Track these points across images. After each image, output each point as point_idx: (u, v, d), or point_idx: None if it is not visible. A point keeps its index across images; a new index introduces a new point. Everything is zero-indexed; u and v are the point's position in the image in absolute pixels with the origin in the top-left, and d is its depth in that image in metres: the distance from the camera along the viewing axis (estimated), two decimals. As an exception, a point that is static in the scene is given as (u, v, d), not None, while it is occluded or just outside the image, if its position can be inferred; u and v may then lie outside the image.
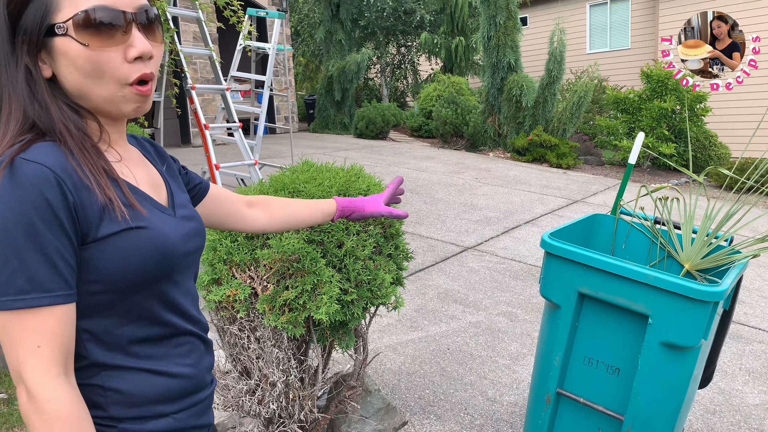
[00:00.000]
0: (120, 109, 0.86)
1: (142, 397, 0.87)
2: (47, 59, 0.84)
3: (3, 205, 0.74)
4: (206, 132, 4.76)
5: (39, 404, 0.75)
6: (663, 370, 1.95)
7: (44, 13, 0.80)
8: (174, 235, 0.90)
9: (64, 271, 0.77)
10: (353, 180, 2.10)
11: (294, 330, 1.83)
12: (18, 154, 0.76)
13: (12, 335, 0.76)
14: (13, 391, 2.77)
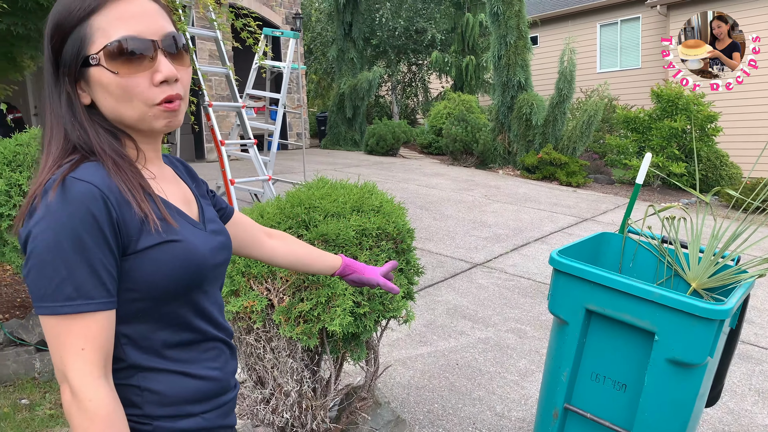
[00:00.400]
0: (152, 127, 0.93)
1: (175, 397, 0.94)
2: (85, 87, 0.91)
3: (55, 219, 0.81)
4: (222, 148, 4.86)
5: (81, 402, 0.82)
6: (669, 387, 1.99)
7: (80, 46, 0.88)
8: (204, 248, 0.97)
9: (107, 280, 0.84)
10: (366, 197, 2.17)
11: (308, 341, 1.89)
12: (69, 173, 0.84)
13: (59, 338, 0.82)
14: (34, 397, 2.84)
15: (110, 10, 0.88)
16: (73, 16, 0.88)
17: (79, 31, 0.88)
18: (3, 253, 2.97)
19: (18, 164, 2.88)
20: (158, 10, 0.92)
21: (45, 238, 0.81)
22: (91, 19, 0.88)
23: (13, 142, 3.01)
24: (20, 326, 3.18)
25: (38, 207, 0.83)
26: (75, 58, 0.89)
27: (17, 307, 3.55)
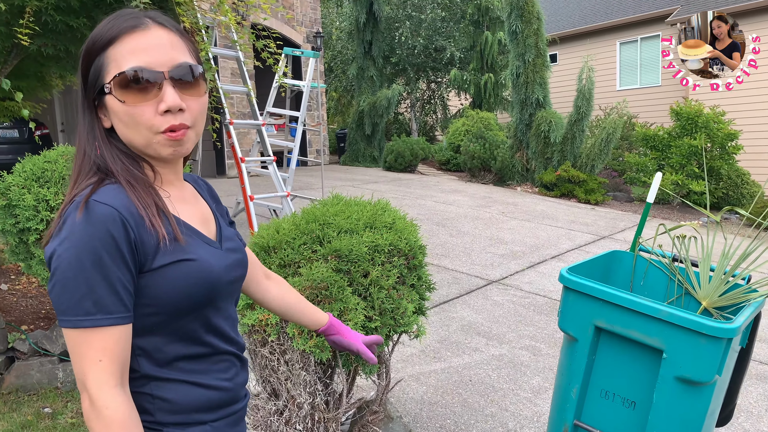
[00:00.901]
0: (158, 153, 0.99)
1: (185, 406, 1.00)
2: (105, 113, 0.99)
3: (77, 239, 0.88)
4: (242, 165, 4.97)
5: (99, 410, 0.88)
6: (678, 404, 2.00)
7: (98, 75, 0.96)
8: (218, 267, 1.02)
9: (124, 296, 0.90)
10: (379, 214, 2.23)
11: (321, 354, 1.95)
12: (91, 196, 0.91)
13: (79, 350, 0.89)
14: (57, 406, 2.93)
15: (125, 42, 0.94)
16: (96, 46, 0.96)
17: (99, 60, 0.96)
18: (30, 266, 3.08)
19: (46, 180, 3.00)
20: (173, 42, 0.98)
21: (68, 256, 0.87)
22: (108, 49, 0.95)
23: (41, 158, 3.13)
24: (44, 337, 3.28)
25: (63, 227, 0.90)
26: (94, 85, 0.97)
27: (42, 318, 3.66)
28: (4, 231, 2.94)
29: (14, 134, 9.86)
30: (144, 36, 0.95)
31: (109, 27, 0.96)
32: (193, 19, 4.25)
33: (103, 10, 4.28)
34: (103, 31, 0.96)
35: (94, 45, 0.96)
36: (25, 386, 3.15)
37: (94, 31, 0.98)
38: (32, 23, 3.92)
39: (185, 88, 0.97)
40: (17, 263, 4.11)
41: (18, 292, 3.99)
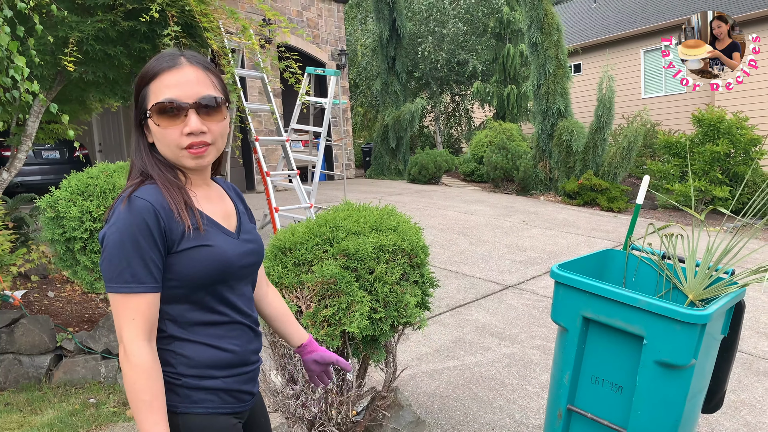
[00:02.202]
0: (183, 164, 1.27)
1: (201, 362, 1.25)
2: (148, 131, 1.28)
3: (121, 225, 1.16)
4: (268, 179, 5.28)
5: (129, 357, 1.15)
6: (659, 387, 2.18)
7: (144, 102, 1.26)
8: (232, 253, 1.28)
9: (154, 271, 1.17)
10: (385, 217, 2.47)
11: (332, 342, 2.19)
12: (132, 192, 1.19)
13: (118, 310, 1.16)
14: (100, 397, 3.23)
15: (162, 78, 1.23)
16: (144, 80, 1.26)
17: (145, 91, 1.25)
18: (75, 271, 3.40)
19: (89, 194, 3.32)
20: (199, 78, 1.25)
21: (114, 238, 1.16)
22: (151, 84, 1.25)
23: (85, 175, 3.45)
24: (88, 337, 3.60)
25: (112, 216, 1.19)
26: (140, 109, 1.27)
27: (85, 321, 3.99)
28: (53, 240, 3.27)
29: (56, 155, 10.42)
30: (177, 74, 1.24)
31: (153, 66, 1.25)
32: (220, 43, 4.59)
33: (138, 38, 4.65)
34: (149, 68, 1.25)
35: (142, 79, 1.26)
36: (72, 380, 3.46)
37: (144, 68, 1.27)
38: (75, 52, 4.30)
39: (208, 114, 1.25)
40: (62, 273, 4.48)
41: (63, 298, 4.34)
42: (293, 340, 1.58)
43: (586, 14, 20.05)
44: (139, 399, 1.13)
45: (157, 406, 1.15)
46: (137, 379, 1.14)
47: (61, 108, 4.50)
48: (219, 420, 1.26)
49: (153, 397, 1.14)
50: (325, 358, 1.58)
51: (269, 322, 1.58)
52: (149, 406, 1.14)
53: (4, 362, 3.50)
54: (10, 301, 3.85)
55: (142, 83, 1.25)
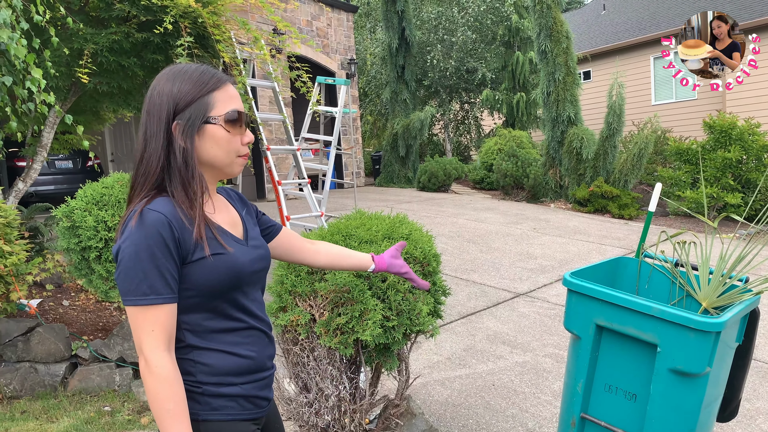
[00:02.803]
0: (232, 171, 1.32)
1: (220, 369, 1.27)
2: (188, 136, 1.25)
3: (136, 238, 1.17)
4: (279, 188, 5.31)
5: (150, 368, 1.16)
6: (673, 395, 2.17)
7: (206, 110, 1.26)
8: (243, 259, 1.30)
9: (170, 282, 1.19)
10: (397, 225, 2.49)
11: (345, 350, 2.20)
12: (146, 206, 1.20)
13: (137, 322, 1.18)
14: (115, 405, 3.25)
15: (224, 90, 1.28)
16: (208, 87, 1.26)
17: (210, 98, 1.26)
18: (90, 280, 3.44)
19: (104, 204, 3.36)
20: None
21: (129, 251, 1.17)
22: (216, 91, 1.27)
23: (100, 184, 3.50)
24: (103, 345, 3.63)
25: (125, 229, 1.19)
26: (201, 117, 1.25)
27: (100, 330, 4.03)
28: (68, 249, 3.31)
29: (69, 165, 10.54)
30: (232, 88, 1.32)
31: (212, 75, 1.29)
32: (232, 54, 4.64)
33: (151, 49, 4.72)
34: (208, 77, 1.28)
35: (204, 86, 1.26)
36: (87, 388, 3.50)
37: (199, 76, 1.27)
38: (90, 64, 4.37)
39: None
40: (76, 282, 4.52)
41: (78, 307, 4.39)
42: (363, 264, 1.74)
43: (595, 21, 20.05)
44: (163, 408, 1.15)
45: (181, 414, 1.17)
46: (160, 389, 1.15)
47: (75, 119, 4.57)
48: (239, 426, 1.28)
49: (176, 405, 1.16)
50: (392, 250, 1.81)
51: (335, 267, 1.72)
52: (173, 415, 1.16)
53: (20, 370, 3.53)
54: (26, 309, 3.89)
55: (204, 89, 1.26)
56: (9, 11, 3.29)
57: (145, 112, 1.27)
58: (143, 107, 1.30)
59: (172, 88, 1.26)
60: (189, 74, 1.28)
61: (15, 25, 3.45)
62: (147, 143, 1.26)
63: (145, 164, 1.26)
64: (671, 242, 2.68)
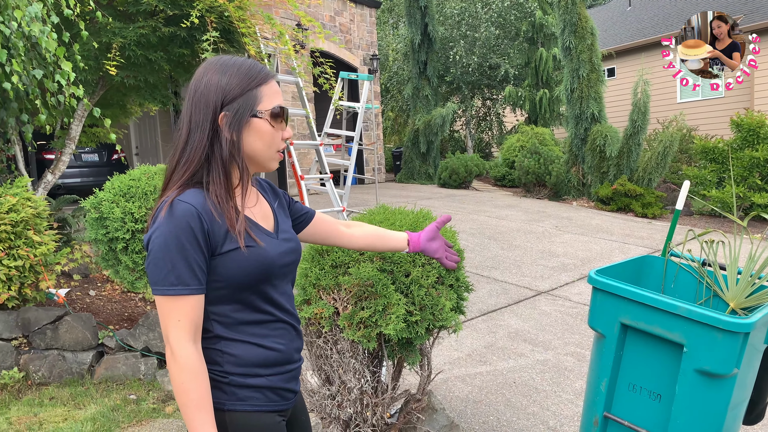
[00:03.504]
0: (269, 165, 1.33)
1: (247, 361, 1.28)
2: (236, 129, 1.25)
3: (166, 228, 1.18)
4: (302, 182, 5.34)
5: (176, 358, 1.18)
6: (699, 396, 2.14)
7: (253, 103, 1.26)
8: (273, 252, 1.31)
9: (198, 273, 1.19)
10: (421, 220, 2.49)
11: (368, 344, 2.21)
12: (177, 197, 1.21)
13: (165, 312, 1.19)
14: (140, 393, 3.31)
15: (270, 85, 1.30)
16: (256, 80, 1.27)
17: (257, 92, 1.27)
18: (117, 271, 3.49)
19: (131, 196, 3.41)
20: None
21: (158, 242, 1.18)
22: (262, 86, 1.28)
23: (127, 177, 3.55)
24: (129, 335, 3.69)
25: (156, 220, 1.21)
26: (248, 110, 1.26)
27: (125, 319, 4.10)
28: (96, 240, 3.37)
29: (95, 158, 10.71)
30: (276, 84, 1.33)
31: (260, 69, 1.30)
32: (256, 49, 4.67)
33: (177, 44, 4.77)
34: (255, 71, 1.28)
35: (252, 80, 1.27)
36: (113, 377, 3.56)
37: (245, 70, 1.28)
38: (117, 57, 4.43)
39: None
40: (103, 272, 4.60)
41: (104, 297, 4.47)
42: (399, 246, 1.78)
43: (620, 17, 19.77)
44: (187, 398, 1.16)
45: (205, 404, 1.18)
46: (185, 379, 1.17)
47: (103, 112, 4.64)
48: (264, 417, 1.29)
49: (200, 396, 1.17)
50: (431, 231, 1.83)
51: (373, 249, 1.76)
52: (197, 405, 1.17)
53: (49, 358, 3.61)
54: (54, 298, 3.97)
55: (252, 83, 1.27)
56: (40, 5, 3.36)
57: (191, 101, 1.27)
58: (188, 97, 1.29)
59: (221, 79, 1.26)
60: (238, 67, 1.28)
61: (46, 18, 3.51)
62: (191, 133, 1.26)
63: (188, 153, 1.25)
64: (698, 241, 2.64)
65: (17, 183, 3.88)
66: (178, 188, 1.23)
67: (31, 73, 3.49)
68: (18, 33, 3.27)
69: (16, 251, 3.58)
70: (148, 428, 2.93)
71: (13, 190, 3.75)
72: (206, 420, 1.17)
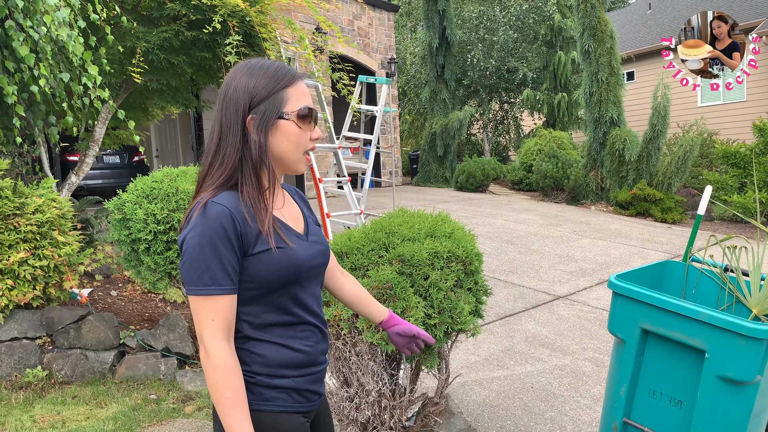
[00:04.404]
0: (297, 167, 1.33)
1: (274, 362, 1.29)
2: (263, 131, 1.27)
3: (199, 229, 1.20)
4: (320, 185, 5.38)
5: (209, 356, 1.19)
6: (721, 403, 2.12)
7: (280, 105, 1.28)
8: (303, 254, 1.32)
9: (231, 273, 1.21)
10: (439, 224, 2.50)
11: (386, 346, 2.22)
12: (210, 198, 1.23)
13: (198, 311, 1.21)
14: (160, 393, 3.36)
15: (297, 86, 1.30)
16: (282, 82, 1.29)
17: (284, 93, 1.28)
18: (139, 271, 3.55)
19: (153, 197, 3.47)
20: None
21: (192, 242, 1.20)
22: (289, 88, 1.29)
23: (150, 179, 3.61)
24: (149, 335, 3.75)
25: (191, 221, 1.23)
26: (275, 112, 1.27)
27: (146, 320, 4.15)
28: (119, 241, 3.42)
29: (116, 160, 10.86)
30: (303, 85, 1.33)
31: (287, 71, 1.31)
32: (277, 53, 4.72)
33: (200, 47, 4.83)
34: (282, 73, 1.29)
35: (278, 82, 1.28)
36: (134, 376, 3.61)
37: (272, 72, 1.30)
38: (141, 61, 4.50)
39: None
40: (124, 273, 4.67)
41: (125, 297, 4.53)
42: (375, 317, 1.67)
43: (640, 21, 19.61)
44: (222, 396, 1.18)
45: (240, 402, 1.19)
46: (219, 378, 1.18)
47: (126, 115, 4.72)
48: (289, 418, 1.30)
49: (235, 393, 1.19)
50: (406, 331, 1.67)
51: (351, 306, 1.67)
52: (232, 403, 1.18)
53: (71, 356, 3.67)
54: (77, 298, 4.04)
55: (278, 85, 1.28)
56: (68, 10, 3.43)
57: (221, 105, 1.29)
58: (218, 101, 1.32)
59: (248, 82, 1.28)
60: (265, 69, 1.29)
61: (73, 23, 3.58)
62: (223, 136, 1.28)
63: (221, 156, 1.28)
64: (720, 247, 2.62)
65: (43, 184, 3.96)
66: (212, 190, 1.26)
67: (58, 76, 3.57)
68: (46, 37, 3.34)
69: (41, 251, 3.65)
70: (168, 428, 2.96)
71: (38, 191, 3.83)
72: (242, 417, 1.19)
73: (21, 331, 3.68)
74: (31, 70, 3.40)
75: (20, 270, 3.57)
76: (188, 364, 3.77)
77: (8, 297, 3.55)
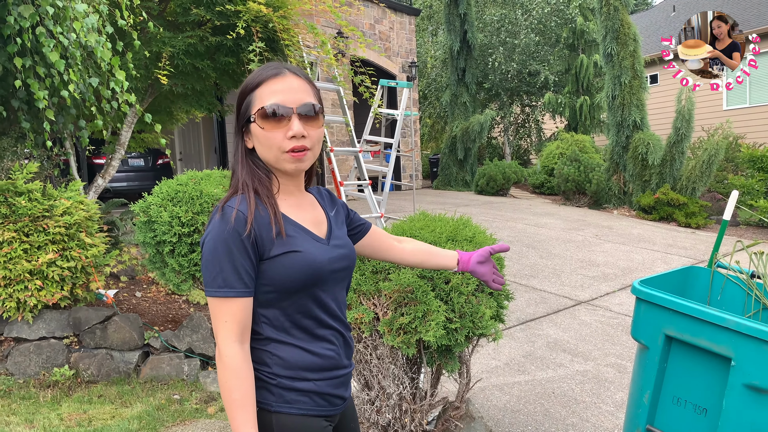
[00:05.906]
0: (284, 168, 1.32)
1: (295, 364, 1.30)
2: (249, 137, 1.34)
3: (216, 233, 1.23)
4: (341, 188, 5.41)
5: (222, 357, 1.22)
6: (748, 411, 2.09)
7: (248, 108, 1.31)
8: (321, 258, 1.32)
9: (245, 277, 1.23)
10: (461, 228, 2.50)
11: (407, 350, 2.23)
12: (227, 202, 1.27)
13: (214, 313, 1.24)
14: (184, 393, 3.40)
15: (268, 85, 1.29)
16: (248, 88, 1.32)
17: (249, 98, 1.31)
18: (164, 273, 3.60)
19: (178, 200, 3.52)
20: (302, 86, 1.32)
21: (209, 246, 1.23)
22: (256, 90, 1.30)
23: (174, 181, 3.66)
24: (173, 336, 3.80)
25: (209, 225, 1.26)
26: (244, 116, 1.33)
27: (170, 321, 4.22)
28: (144, 243, 3.48)
29: (141, 163, 11.03)
30: (281, 81, 1.30)
31: (258, 74, 1.32)
32: (299, 58, 4.76)
33: (224, 52, 4.90)
34: (254, 77, 1.32)
35: (246, 87, 1.32)
36: (158, 377, 3.67)
37: (248, 78, 1.34)
38: (167, 66, 4.58)
39: (308, 121, 1.30)
40: (148, 274, 4.74)
41: (149, 299, 4.60)
42: (448, 265, 1.72)
43: (664, 23, 19.36)
44: (230, 396, 1.20)
45: (247, 404, 1.21)
46: (228, 378, 1.20)
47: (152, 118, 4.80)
48: (310, 422, 1.30)
49: (243, 395, 1.20)
50: (483, 255, 1.73)
51: (421, 266, 1.72)
52: (239, 404, 1.20)
53: (97, 356, 3.75)
54: (103, 299, 4.12)
55: (246, 91, 1.32)
56: (96, 16, 3.50)
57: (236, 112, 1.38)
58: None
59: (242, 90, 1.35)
60: (250, 75, 1.34)
61: (101, 29, 3.66)
62: (234, 142, 1.37)
63: (232, 162, 1.36)
64: (747, 252, 2.58)
65: (71, 187, 4.04)
66: (231, 194, 1.29)
67: (87, 81, 3.65)
68: (76, 43, 3.42)
69: (69, 252, 3.73)
70: (191, 428, 3.00)
71: (67, 194, 3.91)
72: (247, 419, 1.20)
73: (49, 331, 3.76)
74: (61, 75, 3.48)
75: (49, 271, 3.65)
76: (211, 365, 3.81)
77: (37, 297, 3.63)
